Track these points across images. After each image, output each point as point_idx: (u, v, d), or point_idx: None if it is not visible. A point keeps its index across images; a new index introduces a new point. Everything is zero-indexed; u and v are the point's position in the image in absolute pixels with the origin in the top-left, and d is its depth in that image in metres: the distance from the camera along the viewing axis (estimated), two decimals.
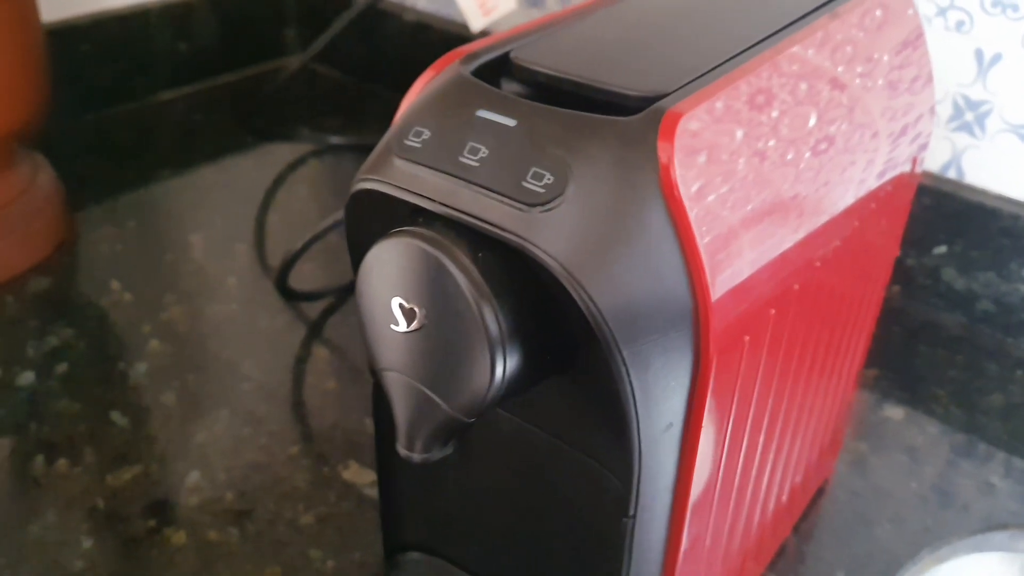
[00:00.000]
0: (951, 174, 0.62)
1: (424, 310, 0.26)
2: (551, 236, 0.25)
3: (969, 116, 0.59)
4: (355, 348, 0.60)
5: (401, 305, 0.27)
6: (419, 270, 0.26)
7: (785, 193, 0.31)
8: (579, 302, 0.25)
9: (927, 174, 0.62)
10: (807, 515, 0.49)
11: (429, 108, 0.29)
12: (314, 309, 0.64)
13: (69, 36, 0.82)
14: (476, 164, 0.27)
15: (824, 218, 0.34)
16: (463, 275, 0.26)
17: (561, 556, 0.35)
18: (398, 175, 0.28)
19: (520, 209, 0.26)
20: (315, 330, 0.62)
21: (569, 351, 0.28)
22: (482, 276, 0.26)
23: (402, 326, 0.27)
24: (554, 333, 0.28)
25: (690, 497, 0.31)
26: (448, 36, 0.85)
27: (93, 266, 0.67)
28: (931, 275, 0.64)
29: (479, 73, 0.30)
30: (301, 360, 0.59)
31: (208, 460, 0.51)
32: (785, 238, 0.31)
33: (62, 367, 0.57)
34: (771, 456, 0.39)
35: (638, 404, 0.27)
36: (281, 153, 0.83)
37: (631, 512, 0.30)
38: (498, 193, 0.26)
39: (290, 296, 0.63)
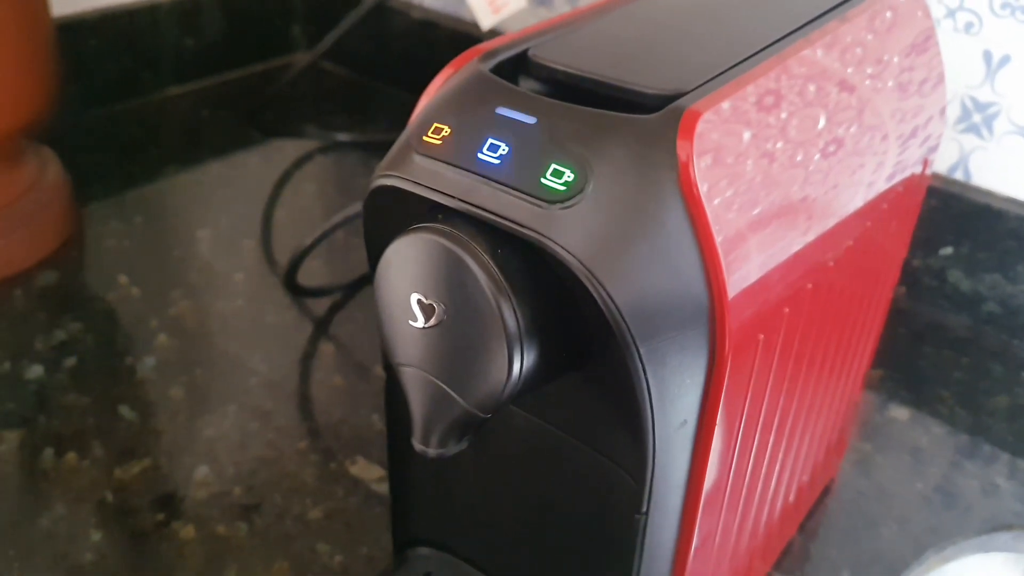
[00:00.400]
0: (958, 175, 0.62)
1: (443, 306, 0.27)
2: (570, 233, 0.25)
3: (977, 118, 0.60)
4: (362, 344, 0.60)
5: (420, 301, 0.27)
6: (438, 266, 0.26)
7: (795, 194, 0.31)
8: (597, 299, 0.25)
9: (934, 175, 0.62)
10: (813, 514, 0.49)
11: (448, 105, 0.29)
12: (321, 305, 0.64)
13: (77, 31, 0.82)
14: (496, 161, 0.27)
15: (834, 220, 0.34)
16: (482, 271, 0.26)
17: (572, 553, 0.36)
18: (418, 171, 0.28)
19: (539, 206, 0.26)
20: (322, 326, 0.62)
21: (586, 348, 0.28)
22: (501, 273, 0.26)
23: (420, 322, 0.27)
24: (572, 329, 0.28)
25: (702, 494, 0.31)
26: (456, 34, 0.85)
27: (100, 261, 0.67)
28: (937, 276, 0.64)
29: (497, 71, 0.30)
30: (308, 356, 0.59)
31: (216, 454, 0.51)
32: (797, 239, 0.31)
33: (70, 361, 0.57)
34: (780, 454, 0.39)
35: (654, 401, 0.27)
36: (288, 150, 0.83)
37: (643, 509, 0.30)
38: (517, 190, 0.26)
39: (297, 292, 0.64)
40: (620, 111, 0.27)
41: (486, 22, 0.68)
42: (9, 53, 0.60)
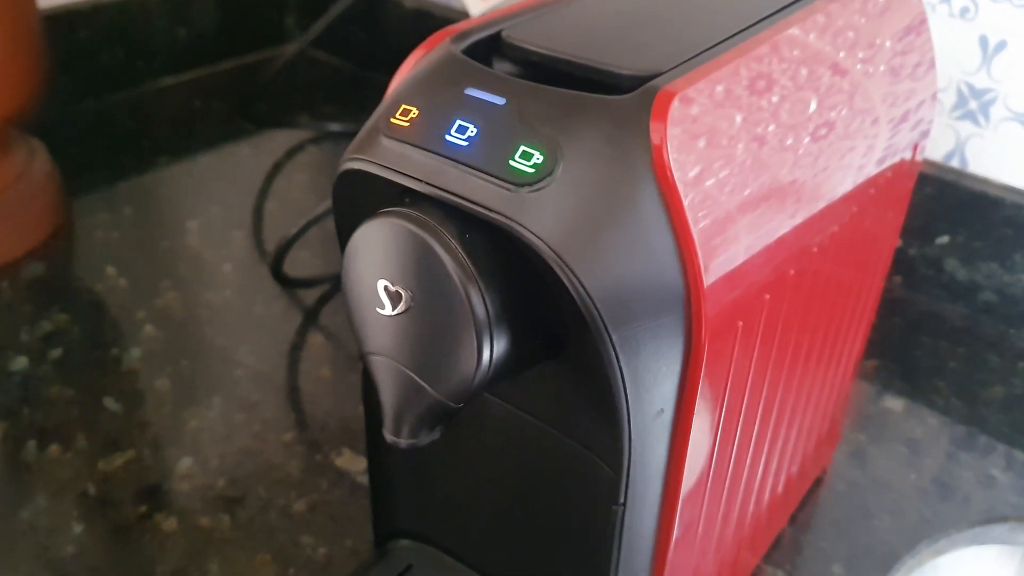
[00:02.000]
0: (954, 163, 0.61)
1: (410, 293, 0.26)
2: (540, 217, 0.25)
3: (973, 104, 0.59)
4: (350, 335, 0.59)
5: (387, 288, 0.26)
6: (405, 252, 0.26)
7: (783, 178, 0.30)
8: (568, 285, 0.25)
9: (930, 163, 0.61)
10: (804, 506, 0.49)
11: (418, 86, 0.28)
12: (310, 296, 0.63)
13: (68, 21, 0.81)
14: (464, 143, 0.26)
15: (822, 204, 0.33)
16: (449, 257, 0.25)
17: (551, 544, 0.35)
18: (385, 155, 0.27)
19: (508, 189, 0.25)
20: (311, 317, 0.61)
21: (559, 335, 0.28)
22: (469, 258, 0.25)
23: (388, 309, 0.27)
24: (543, 316, 0.27)
25: (682, 485, 0.31)
26: (448, 22, 0.84)
27: (88, 252, 0.66)
28: (933, 265, 0.63)
29: (470, 52, 0.29)
30: (296, 347, 0.59)
31: (201, 446, 0.51)
32: (781, 224, 0.31)
33: (56, 352, 0.57)
34: (766, 445, 0.38)
35: (628, 389, 0.27)
36: (279, 140, 0.83)
37: (621, 500, 0.30)
38: (486, 173, 0.25)
39: (286, 283, 0.63)
40: (594, 93, 0.27)
41: (476, 10, 0.67)
42: None
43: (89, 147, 0.80)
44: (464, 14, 0.81)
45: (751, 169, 0.28)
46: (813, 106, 0.32)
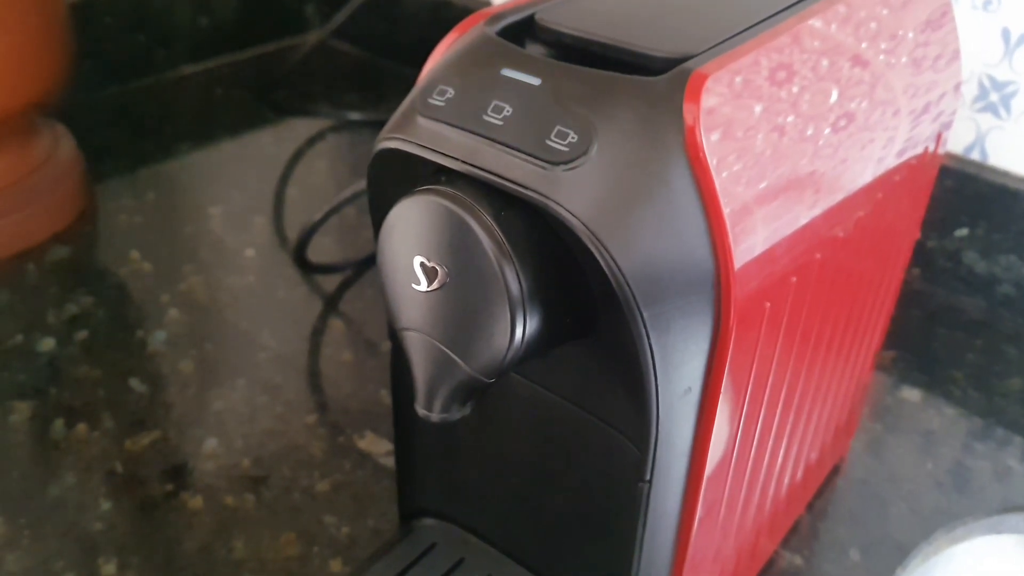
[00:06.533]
0: (975, 155, 0.61)
1: (445, 269, 0.26)
2: (574, 195, 0.25)
3: (994, 97, 0.59)
4: (371, 321, 0.60)
5: (423, 264, 0.27)
6: (441, 229, 0.26)
7: (804, 168, 0.31)
8: (601, 262, 0.25)
9: (950, 155, 0.62)
10: (821, 493, 0.49)
11: (454, 67, 0.29)
12: (331, 282, 0.64)
13: (92, 9, 0.82)
14: (500, 123, 0.26)
15: (842, 194, 0.33)
16: (485, 234, 0.26)
17: (576, 522, 0.36)
18: (421, 134, 0.28)
19: (543, 167, 0.26)
20: (332, 303, 0.62)
21: (590, 313, 0.28)
22: (504, 235, 0.26)
23: (423, 285, 0.27)
24: (575, 294, 0.27)
25: (706, 464, 0.31)
26: (468, 13, 0.84)
27: (113, 236, 0.67)
28: (952, 258, 0.63)
29: (504, 34, 0.30)
30: (318, 332, 0.59)
31: (225, 427, 0.51)
32: (804, 212, 0.31)
33: (82, 334, 0.57)
34: (787, 430, 0.39)
35: (657, 367, 0.27)
36: (300, 128, 0.83)
37: (647, 477, 0.30)
38: (521, 151, 0.26)
39: (308, 268, 0.64)
40: (627, 74, 0.27)
41: None
42: (22, 29, 0.60)
43: (112, 133, 0.81)
44: (483, 4, 0.82)
45: (782, 154, 0.29)
46: (834, 97, 0.32)
